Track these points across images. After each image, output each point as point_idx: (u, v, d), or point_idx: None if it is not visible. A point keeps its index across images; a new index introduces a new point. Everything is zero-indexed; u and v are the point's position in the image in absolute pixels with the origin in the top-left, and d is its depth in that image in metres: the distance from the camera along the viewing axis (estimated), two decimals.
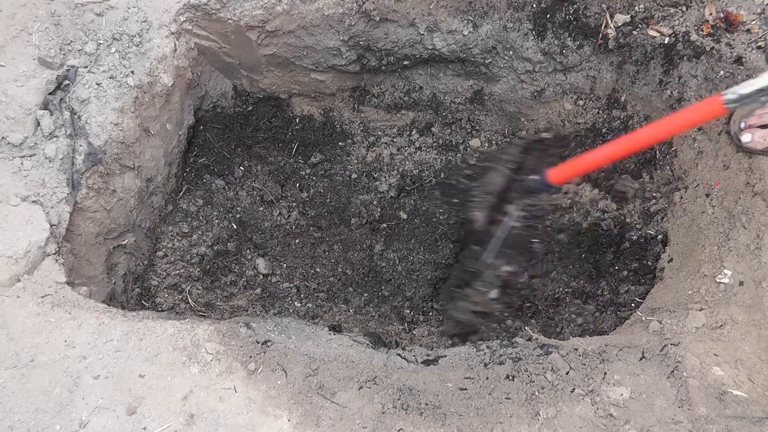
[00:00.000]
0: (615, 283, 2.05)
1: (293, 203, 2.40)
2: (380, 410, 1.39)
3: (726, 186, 1.73)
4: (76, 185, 1.75)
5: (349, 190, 2.42)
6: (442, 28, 2.06)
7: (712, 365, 1.41)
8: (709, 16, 1.88)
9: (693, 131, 1.90)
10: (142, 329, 1.49)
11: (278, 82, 2.38)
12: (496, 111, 2.35)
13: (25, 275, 1.56)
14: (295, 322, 1.80)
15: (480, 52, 2.12)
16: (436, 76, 2.30)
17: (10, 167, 1.66)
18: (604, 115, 2.19)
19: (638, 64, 2.02)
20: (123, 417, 1.35)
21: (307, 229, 2.36)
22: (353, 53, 2.18)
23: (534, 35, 2.05)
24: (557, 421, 1.35)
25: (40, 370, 1.40)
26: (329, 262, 2.31)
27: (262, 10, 2.02)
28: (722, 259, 1.61)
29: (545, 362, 1.46)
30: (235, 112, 2.44)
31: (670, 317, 1.56)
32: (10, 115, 1.70)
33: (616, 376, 1.42)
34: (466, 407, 1.40)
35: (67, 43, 1.84)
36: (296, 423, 1.36)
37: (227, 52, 2.21)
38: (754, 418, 1.32)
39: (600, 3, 1.98)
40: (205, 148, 2.39)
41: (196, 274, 2.22)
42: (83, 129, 1.79)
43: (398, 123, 2.48)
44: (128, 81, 1.87)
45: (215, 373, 1.42)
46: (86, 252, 1.84)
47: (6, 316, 1.47)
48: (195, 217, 2.31)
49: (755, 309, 1.49)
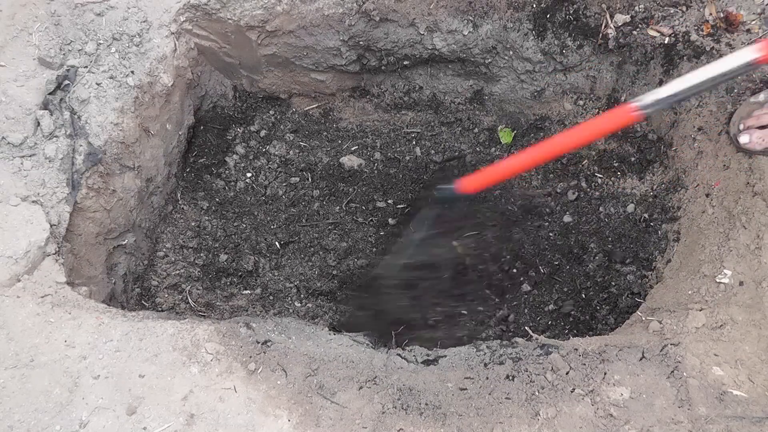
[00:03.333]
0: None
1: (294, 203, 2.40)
2: (380, 410, 1.39)
3: (726, 186, 1.73)
4: (76, 185, 1.75)
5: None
6: (442, 28, 2.06)
7: (712, 365, 1.41)
8: (709, 16, 1.89)
9: (693, 131, 1.90)
10: (142, 329, 1.49)
11: (278, 82, 2.38)
12: (496, 111, 2.35)
13: (25, 275, 1.56)
14: (295, 322, 1.80)
15: (480, 52, 2.12)
16: (436, 76, 2.30)
17: (10, 167, 1.66)
18: None
19: (638, 64, 2.02)
20: (123, 417, 1.35)
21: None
22: (353, 53, 2.18)
23: (534, 35, 2.05)
24: (557, 421, 1.35)
25: (40, 370, 1.40)
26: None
27: (262, 10, 2.03)
28: (722, 259, 1.61)
29: (545, 362, 1.46)
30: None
31: (670, 317, 1.56)
32: (10, 115, 1.71)
33: (616, 376, 1.42)
34: (466, 407, 1.40)
35: (67, 43, 1.84)
36: (296, 423, 1.36)
37: (227, 52, 2.21)
38: (754, 418, 1.32)
39: (600, 3, 1.98)
40: (205, 148, 2.39)
41: (196, 274, 2.22)
42: (83, 129, 1.79)
43: (397, 123, 2.48)
44: (128, 81, 1.87)
45: (215, 373, 1.42)
46: (86, 252, 1.84)
47: (6, 316, 1.47)
48: (195, 217, 2.31)
49: (755, 309, 1.49)
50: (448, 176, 1.87)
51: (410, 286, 2.00)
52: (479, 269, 2.12)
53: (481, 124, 2.39)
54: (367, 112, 2.47)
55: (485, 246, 2.14)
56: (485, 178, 1.73)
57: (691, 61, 1.90)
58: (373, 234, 2.31)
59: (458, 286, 2.08)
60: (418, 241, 1.96)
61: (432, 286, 2.04)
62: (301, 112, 2.49)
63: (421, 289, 2.02)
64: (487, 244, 2.15)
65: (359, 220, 2.34)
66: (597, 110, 2.19)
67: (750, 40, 1.82)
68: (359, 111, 2.47)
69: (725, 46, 1.84)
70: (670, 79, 1.36)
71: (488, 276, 2.11)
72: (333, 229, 2.33)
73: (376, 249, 2.27)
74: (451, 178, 1.79)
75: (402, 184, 2.37)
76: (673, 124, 2.02)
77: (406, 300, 2.02)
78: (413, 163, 2.41)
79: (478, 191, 1.75)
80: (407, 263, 1.99)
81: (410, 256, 1.98)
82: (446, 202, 1.88)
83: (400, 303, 2.02)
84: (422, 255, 1.97)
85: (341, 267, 2.26)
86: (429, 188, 1.92)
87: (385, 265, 2.10)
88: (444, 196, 1.83)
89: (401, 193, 2.36)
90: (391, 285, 2.02)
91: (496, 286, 2.10)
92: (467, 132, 2.41)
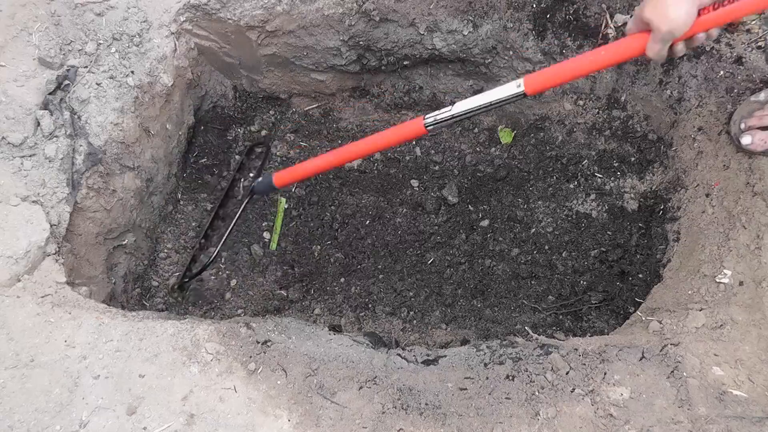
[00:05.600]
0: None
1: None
2: (380, 410, 1.39)
3: (726, 186, 1.73)
4: (76, 185, 1.75)
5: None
6: (442, 28, 2.06)
7: (712, 365, 1.41)
8: None
9: (693, 131, 1.90)
10: (142, 329, 1.49)
11: (278, 82, 2.38)
12: (496, 111, 2.35)
13: (25, 275, 1.56)
14: (295, 322, 1.80)
15: (480, 52, 2.12)
16: (436, 76, 2.30)
17: (10, 167, 1.66)
18: (604, 115, 2.19)
19: (638, 64, 2.02)
20: (123, 417, 1.35)
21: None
22: (353, 53, 2.18)
23: (534, 35, 2.05)
24: (557, 421, 1.35)
25: (40, 370, 1.40)
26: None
27: (262, 10, 2.03)
28: (722, 259, 1.61)
29: (545, 362, 1.46)
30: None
31: (670, 317, 1.56)
32: (10, 115, 1.70)
33: (616, 376, 1.42)
34: (466, 407, 1.40)
35: (67, 43, 1.84)
36: (296, 423, 1.36)
37: (227, 52, 2.21)
38: (754, 418, 1.32)
39: (600, 3, 1.98)
40: (205, 148, 2.39)
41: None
42: (83, 129, 1.79)
43: (397, 123, 2.48)
44: (128, 81, 1.87)
45: (215, 373, 1.42)
46: (86, 252, 1.84)
47: (6, 316, 1.47)
48: (195, 217, 2.31)
49: (755, 309, 1.49)
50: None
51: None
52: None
53: (481, 124, 2.40)
54: (367, 112, 2.47)
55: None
56: (294, 173, 1.86)
57: (691, 61, 1.90)
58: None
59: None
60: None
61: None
62: (301, 112, 2.49)
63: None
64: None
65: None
66: (597, 110, 2.19)
67: (750, 40, 1.82)
68: (359, 111, 2.47)
69: (725, 46, 1.84)
70: (457, 103, 1.54)
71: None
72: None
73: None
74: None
75: (402, 184, 2.38)
76: (673, 124, 2.02)
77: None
78: (413, 163, 2.41)
79: (287, 185, 2.01)
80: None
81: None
82: (261, 194, 2.09)
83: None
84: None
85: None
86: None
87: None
88: (261, 189, 1.98)
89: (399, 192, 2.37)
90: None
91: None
92: (467, 132, 2.41)
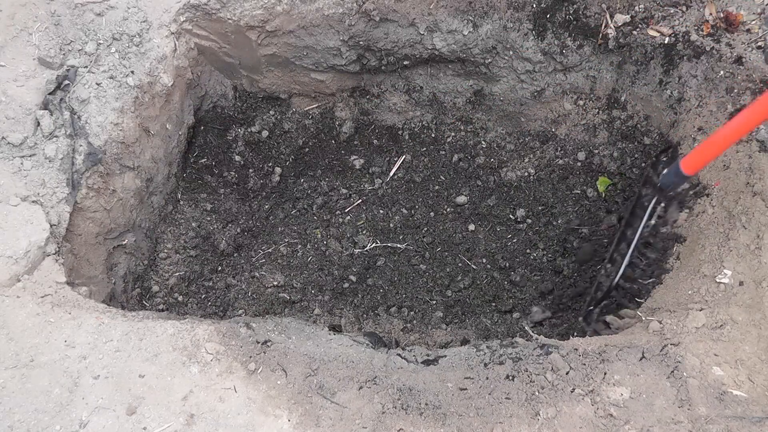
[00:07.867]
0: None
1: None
2: (380, 410, 1.39)
3: (726, 186, 1.73)
4: (76, 185, 1.75)
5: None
6: (442, 28, 2.06)
7: (712, 365, 1.41)
8: (709, 16, 1.89)
9: (693, 131, 1.90)
10: (142, 329, 1.49)
11: (278, 82, 2.38)
12: (496, 111, 2.35)
13: (25, 275, 1.56)
14: (295, 322, 1.81)
15: (480, 52, 2.12)
16: (436, 76, 2.30)
17: (10, 167, 1.66)
18: (604, 115, 2.19)
19: (638, 64, 2.02)
20: (123, 417, 1.35)
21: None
22: (353, 53, 2.18)
23: (534, 35, 2.05)
24: (557, 421, 1.35)
25: (40, 370, 1.40)
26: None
27: (262, 10, 2.03)
28: (722, 259, 1.61)
29: (545, 362, 1.46)
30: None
31: (670, 317, 1.56)
32: (10, 115, 1.71)
33: (616, 376, 1.42)
34: (466, 407, 1.39)
35: (67, 43, 1.84)
36: (296, 423, 1.36)
37: (227, 52, 2.21)
38: (754, 418, 1.32)
39: (600, 3, 1.98)
40: (205, 148, 2.39)
41: (197, 274, 2.22)
42: (83, 129, 1.79)
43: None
44: (128, 81, 1.87)
45: (215, 373, 1.42)
46: (86, 252, 1.84)
47: (6, 316, 1.47)
48: (195, 217, 2.31)
49: (755, 309, 1.49)
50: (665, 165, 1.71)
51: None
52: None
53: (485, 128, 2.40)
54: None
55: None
56: (708, 149, 1.53)
57: (691, 61, 1.90)
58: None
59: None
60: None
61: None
62: (301, 112, 2.49)
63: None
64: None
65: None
66: (597, 110, 2.19)
67: (750, 40, 1.82)
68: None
69: (725, 46, 1.84)
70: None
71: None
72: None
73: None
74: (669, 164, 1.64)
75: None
76: (673, 124, 2.02)
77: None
78: None
79: (701, 168, 1.60)
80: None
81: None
82: (672, 188, 1.75)
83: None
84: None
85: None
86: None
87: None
88: (669, 182, 1.70)
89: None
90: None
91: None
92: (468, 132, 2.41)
